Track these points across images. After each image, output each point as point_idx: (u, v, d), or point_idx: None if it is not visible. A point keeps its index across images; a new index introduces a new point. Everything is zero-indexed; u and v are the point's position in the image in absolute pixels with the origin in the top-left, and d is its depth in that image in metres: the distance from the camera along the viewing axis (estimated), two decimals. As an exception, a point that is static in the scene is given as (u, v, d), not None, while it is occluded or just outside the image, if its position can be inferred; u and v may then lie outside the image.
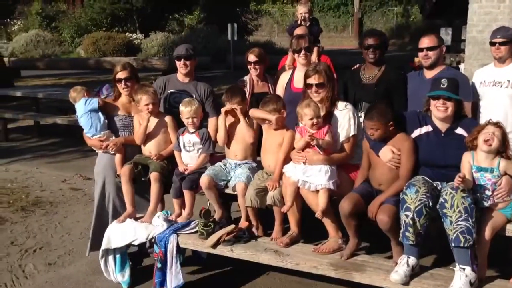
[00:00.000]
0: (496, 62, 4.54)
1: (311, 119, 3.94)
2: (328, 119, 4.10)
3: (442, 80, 3.69)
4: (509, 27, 4.63)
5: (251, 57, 5.12)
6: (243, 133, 4.40)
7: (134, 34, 28.01)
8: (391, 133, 3.80)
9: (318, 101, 4.07)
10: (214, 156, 4.69)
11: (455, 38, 15.29)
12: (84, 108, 4.65)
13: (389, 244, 3.72)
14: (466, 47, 10.60)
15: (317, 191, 3.89)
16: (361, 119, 4.44)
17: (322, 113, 4.05)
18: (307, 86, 4.13)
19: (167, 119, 4.61)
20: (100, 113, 4.66)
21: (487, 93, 4.50)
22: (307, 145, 3.98)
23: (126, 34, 27.64)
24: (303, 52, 4.73)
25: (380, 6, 37.64)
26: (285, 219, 4.18)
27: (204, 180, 4.22)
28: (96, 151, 4.81)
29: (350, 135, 4.08)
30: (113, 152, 4.64)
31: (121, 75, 4.71)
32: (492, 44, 4.46)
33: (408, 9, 36.41)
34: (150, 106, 4.47)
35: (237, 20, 25.74)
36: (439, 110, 3.68)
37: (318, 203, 3.87)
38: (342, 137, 4.09)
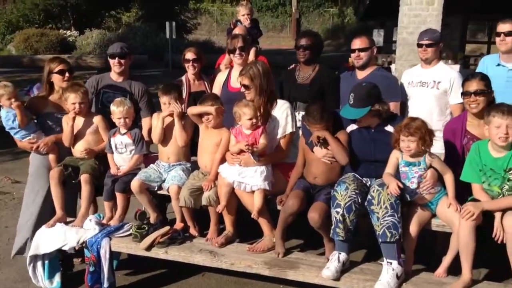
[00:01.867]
0: (423, 63, 4.70)
1: (250, 119, 3.95)
2: (266, 119, 4.14)
3: (350, 95, 3.74)
4: (435, 30, 4.82)
5: (189, 55, 5.07)
6: (175, 136, 4.34)
7: (69, 31, 27.26)
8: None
9: (249, 100, 4.11)
10: (149, 156, 4.62)
11: (387, 39, 15.79)
12: (5, 123, 4.43)
13: (323, 240, 3.80)
14: (397, 48, 10.95)
15: (253, 191, 3.92)
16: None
17: (259, 114, 4.08)
18: (241, 85, 4.16)
19: (97, 119, 4.47)
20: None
21: (414, 93, 4.65)
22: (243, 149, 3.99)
23: (60, 31, 26.86)
24: (237, 52, 4.75)
25: (317, 7, 38.32)
26: (221, 219, 4.18)
27: (134, 184, 4.16)
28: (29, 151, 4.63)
29: (288, 133, 4.14)
30: (45, 152, 4.49)
31: (63, 66, 4.58)
32: (419, 45, 4.61)
33: (343, 10, 37.28)
34: (77, 106, 4.33)
35: (175, 18, 25.52)
36: (357, 123, 3.83)
37: (253, 203, 3.91)
38: (280, 135, 4.14)
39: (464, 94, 3.77)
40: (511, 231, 3.18)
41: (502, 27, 4.33)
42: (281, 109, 4.17)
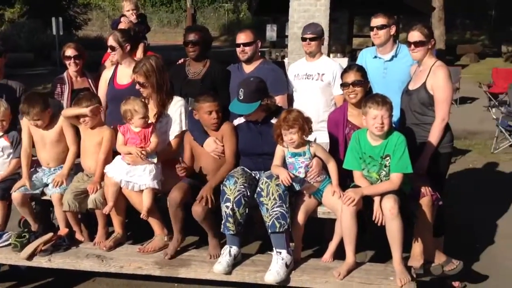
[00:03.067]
0: (307, 56, 4.81)
1: (143, 117, 3.86)
2: (160, 116, 4.08)
3: (240, 90, 3.78)
4: (318, 24, 4.94)
5: (70, 52, 4.81)
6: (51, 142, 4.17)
7: None
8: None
9: (146, 97, 4.05)
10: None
11: (280, 34, 16.12)
12: None
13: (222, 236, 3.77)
14: (289, 42, 11.25)
15: (141, 190, 3.84)
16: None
17: (155, 111, 4.05)
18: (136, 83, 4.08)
19: None
20: None
21: (300, 86, 4.76)
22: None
23: None
24: (109, 50, 4.62)
25: (212, 2, 38.32)
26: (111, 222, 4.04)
27: (16, 197, 3.97)
28: None
29: (181, 130, 4.09)
30: None
31: None
32: (303, 39, 4.72)
33: (238, 6, 37.58)
34: None
35: (63, 14, 24.35)
36: (246, 117, 3.87)
37: (142, 202, 3.83)
38: (174, 132, 4.09)
39: (343, 85, 3.92)
40: (389, 213, 3.34)
41: (375, 21, 4.52)
42: (175, 106, 4.12)
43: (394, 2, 13.26)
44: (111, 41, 4.55)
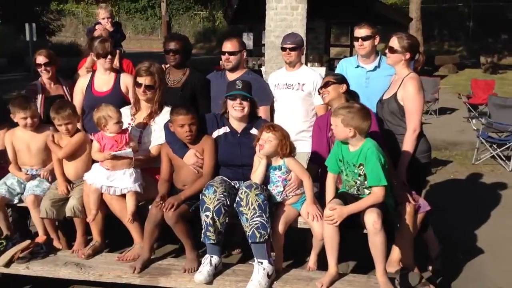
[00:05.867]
0: (287, 66, 4.83)
1: (118, 122, 3.84)
2: (147, 124, 4.12)
3: (237, 81, 3.85)
4: (297, 34, 4.97)
5: (41, 59, 4.71)
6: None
7: None
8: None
9: (144, 100, 4.10)
10: (3, 167, 4.31)
11: (256, 43, 16.18)
12: None
13: (201, 244, 3.71)
14: (266, 51, 11.27)
15: (123, 195, 3.82)
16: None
17: (145, 114, 4.09)
18: (137, 85, 4.08)
19: None
20: None
21: (281, 95, 4.77)
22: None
23: None
24: (109, 56, 4.56)
25: (187, 10, 38.23)
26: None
27: None
28: None
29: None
30: None
31: None
32: (283, 49, 4.74)
33: (213, 14, 37.60)
34: None
35: (36, 20, 24.04)
36: (236, 110, 3.83)
37: (123, 209, 3.83)
38: (159, 139, 4.07)
39: (319, 88, 4.09)
40: (372, 228, 3.31)
41: (359, 32, 4.54)
42: (165, 115, 4.06)
43: (371, 12, 13.43)
44: (111, 47, 4.55)
